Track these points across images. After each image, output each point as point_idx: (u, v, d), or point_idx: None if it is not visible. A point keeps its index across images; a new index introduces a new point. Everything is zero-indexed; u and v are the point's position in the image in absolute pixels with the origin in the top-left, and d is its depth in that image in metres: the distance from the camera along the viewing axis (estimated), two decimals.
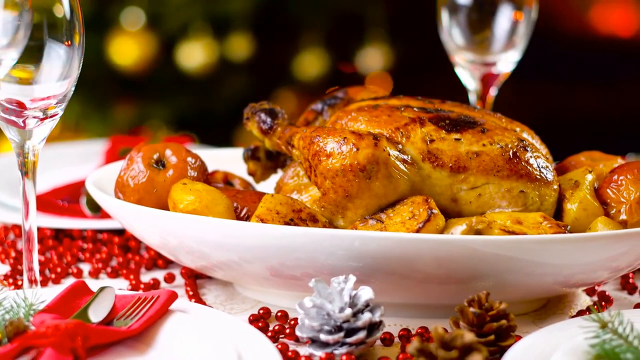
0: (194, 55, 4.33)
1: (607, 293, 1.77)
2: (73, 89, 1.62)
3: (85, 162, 2.44)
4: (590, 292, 1.80)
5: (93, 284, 1.66)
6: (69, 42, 1.58)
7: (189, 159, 1.75)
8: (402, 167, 1.64)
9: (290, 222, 1.63)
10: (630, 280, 1.84)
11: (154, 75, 4.40)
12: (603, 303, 1.74)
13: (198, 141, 4.42)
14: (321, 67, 4.69)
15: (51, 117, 1.61)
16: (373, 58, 4.79)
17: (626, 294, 1.83)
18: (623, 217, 1.68)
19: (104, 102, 4.39)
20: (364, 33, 4.81)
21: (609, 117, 5.23)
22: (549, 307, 1.74)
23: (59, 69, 1.58)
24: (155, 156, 1.75)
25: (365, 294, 1.51)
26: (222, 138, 4.33)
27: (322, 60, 4.70)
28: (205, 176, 1.77)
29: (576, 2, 5.35)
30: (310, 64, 4.67)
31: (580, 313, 1.68)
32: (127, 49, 4.30)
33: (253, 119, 1.80)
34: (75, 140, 3.92)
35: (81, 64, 1.61)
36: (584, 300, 1.77)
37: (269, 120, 1.78)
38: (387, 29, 4.82)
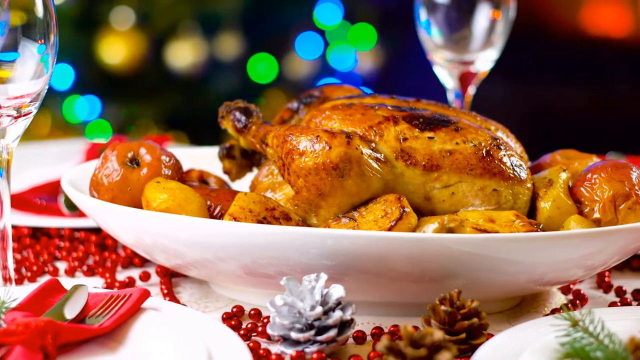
0: (183, 54, 4.34)
1: (582, 292, 1.77)
2: (47, 87, 1.62)
3: (66, 161, 2.44)
4: (565, 290, 1.80)
5: (69, 282, 1.66)
6: (43, 41, 1.58)
7: (163, 157, 1.75)
8: (375, 165, 1.64)
9: (263, 221, 1.63)
10: (606, 279, 1.84)
11: (143, 74, 4.40)
12: (578, 301, 1.75)
13: (188, 140, 4.44)
14: (311, 66, 4.70)
15: (25, 115, 1.61)
16: (362, 57, 4.80)
17: (602, 292, 1.83)
18: (596, 215, 1.68)
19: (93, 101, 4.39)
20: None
21: (601, 116, 5.23)
22: (523, 305, 1.74)
23: (33, 68, 1.58)
24: (129, 155, 1.75)
25: (337, 292, 1.51)
26: (212, 137, 4.33)
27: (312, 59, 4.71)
28: (180, 175, 1.77)
29: (568, 2, 5.36)
30: (300, 63, 4.68)
31: (554, 311, 1.68)
32: (117, 48, 4.31)
33: (228, 117, 1.80)
34: (65, 139, 3.93)
35: (55, 63, 1.61)
36: (559, 299, 1.78)
37: (243, 118, 1.78)
38: (377, 28, 4.82)
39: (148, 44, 4.35)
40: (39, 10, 1.57)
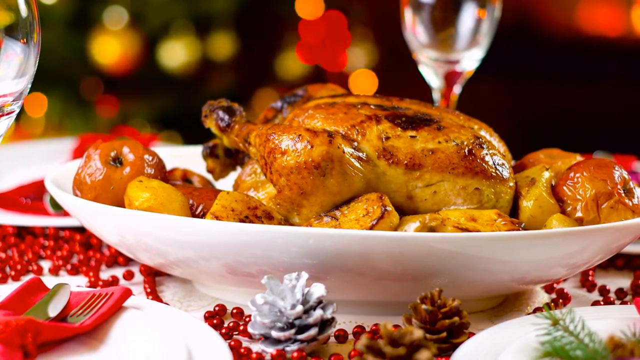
0: (176, 54, 4.34)
1: (565, 290, 1.77)
2: (29, 86, 1.62)
3: (53, 160, 2.44)
4: (548, 289, 1.80)
5: (53, 281, 1.66)
6: (25, 40, 1.58)
7: (146, 156, 1.75)
8: (356, 164, 1.64)
9: (245, 220, 1.63)
10: (590, 278, 1.84)
11: (136, 74, 4.40)
12: (561, 300, 1.75)
13: (181, 140, 4.44)
14: (304, 66, 4.70)
15: (7, 114, 1.61)
16: (357, 57, 4.80)
17: (585, 291, 1.83)
18: (579, 214, 1.68)
19: (86, 100, 4.39)
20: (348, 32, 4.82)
21: (594, 115, 5.23)
22: (506, 304, 1.74)
23: (16, 67, 1.58)
24: (112, 154, 1.75)
25: (318, 291, 1.51)
26: (205, 137, 4.33)
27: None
28: (163, 174, 1.77)
29: (562, 1, 5.36)
30: (293, 62, 4.68)
31: (536, 310, 1.68)
32: (110, 48, 4.31)
33: (211, 116, 1.80)
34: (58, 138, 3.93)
35: (37, 62, 1.61)
36: (542, 298, 1.78)
37: (226, 117, 1.78)
38: (371, 27, 4.82)
39: (141, 44, 4.35)
40: (22, 10, 1.57)
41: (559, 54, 5.27)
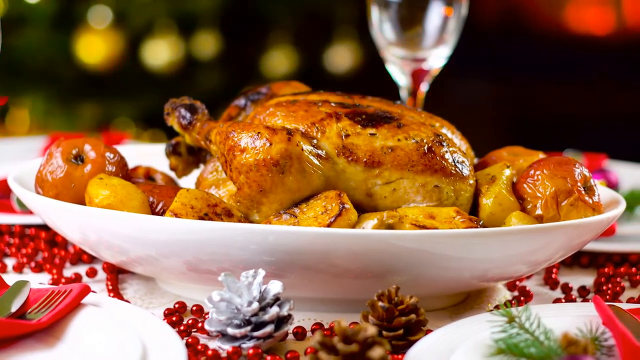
0: (160, 53, 4.35)
1: (527, 288, 1.77)
2: None
3: (27, 159, 2.44)
4: (511, 286, 1.80)
5: (16, 279, 1.66)
6: None
7: (108, 154, 1.75)
8: (316, 162, 1.64)
9: (204, 217, 1.63)
10: (553, 276, 1.84)
11: (121, 73, 4.41)
12: (522, 298, 1.75)
13: (166, 139, 4.43)
14: (290, 65, 4.70)
15: None
16: (341, 56, 4.80)
17: (548, 289, 1.84)
18: (539, 212, 1.68)
19: (70, 99, 4.40)
20: (332, 31, 4.82)
21: (579, 114, 5.24)
22: (467, 302, 1.74)
23: None
24: (74, 151, 1.75)
25: (274, 288, 1.51)
26: None
27: (290, 58, 4.71)
28: (125, 171, 1.77)
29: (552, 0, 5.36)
30: (279, 62, 4.68)
31: (497, 308, 1.68)
32: (94, 47, 4.31)
33: (173, 114, 1.80)
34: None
35: None
36: (504, 295, 1.78)
37: (188, 115, 1.78)
38: (356, 26, 4.83)
39: (125, 43, 4.36)
40: None
41: (548, 52, 5.27)
